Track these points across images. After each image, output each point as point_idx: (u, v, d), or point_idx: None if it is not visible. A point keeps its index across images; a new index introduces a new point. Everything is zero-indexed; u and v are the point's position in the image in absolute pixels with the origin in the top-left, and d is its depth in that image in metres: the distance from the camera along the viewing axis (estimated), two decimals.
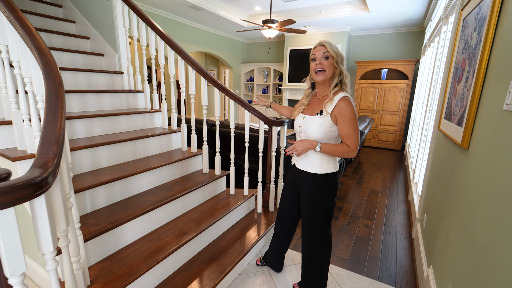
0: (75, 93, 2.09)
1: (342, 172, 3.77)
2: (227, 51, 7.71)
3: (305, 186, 1.48)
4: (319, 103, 1.41)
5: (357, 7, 5.26)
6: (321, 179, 1.43)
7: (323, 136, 1.36)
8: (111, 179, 1.64)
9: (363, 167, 4.79)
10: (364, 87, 6.20)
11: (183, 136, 2.37)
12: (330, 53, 1.32)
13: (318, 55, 1.35)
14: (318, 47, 1.36)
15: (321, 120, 1.35)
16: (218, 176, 2.27)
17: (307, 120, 1.42)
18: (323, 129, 1.35)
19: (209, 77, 2.13)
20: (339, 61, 1.35)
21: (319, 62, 1.34)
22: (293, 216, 1.71)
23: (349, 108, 1.30)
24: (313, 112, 1.41)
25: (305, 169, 1.46)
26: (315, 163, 1.42)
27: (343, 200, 3.32)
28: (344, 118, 1.30)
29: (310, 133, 1.39)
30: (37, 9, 2.76)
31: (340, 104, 1.31)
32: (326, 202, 1.46)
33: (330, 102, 1.33)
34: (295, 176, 1.56)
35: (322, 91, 1.44)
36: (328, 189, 1.45)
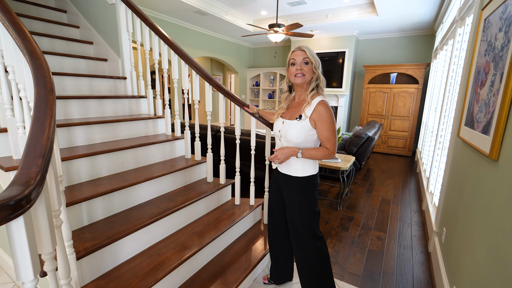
0: (76, 99, 2.03)
1: (351, 180, 3.63)
2: (233, 56, 7.68)
3: (288, 190, 1.51)
4: (298, 107, 1.44)
5: (365, 11, 5.16)
6: (304, 181, 1.45)
7: (303, 140, 1.39)
8: (110, 190, 1.55)
9: (373, 174, 4.63)
10: (373, 91, 6.06)
11: (187, 143, 2.29)
12: (309, 58, 1.36)
13: (298, 60, 1.37)
14: (297, 52, 1.38)
15: (301, 124, 1.38)
16: (222, 185, 2.17)
17: (286, 124, 1.44)
18: (303, 133, 1.38)
19: (214, 82, 2.05)
20: (317, 66, 1.39)
21: (299, 68, 1.37)
22: (285, 221, 1.66)
23: (327, 112, 1.34)
24: (292, 116, 1.43)
25: (287, 172, 1.48)
26: (297, 166, 1.45)
27: (353, 210, 3.18)
28: (323, 122, 1.34)
29: (290, 138, 1.41)
30: (41, 15, 2.74)
31: (318, 108, 1.35)
32: (311, 203, 1.47)
33: (308, 106, 1.37)
34: (278, 180, 1.58)
35: (299, 95, 1.47)
36: (311, 191, 1.47)
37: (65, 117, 1.98)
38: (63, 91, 2.18)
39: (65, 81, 2.19)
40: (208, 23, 5.95)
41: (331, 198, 3.51)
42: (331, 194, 3.66)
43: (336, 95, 6.58)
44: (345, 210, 3.18)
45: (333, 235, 2.60)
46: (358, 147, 3.74)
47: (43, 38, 2.44)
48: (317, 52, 6.74)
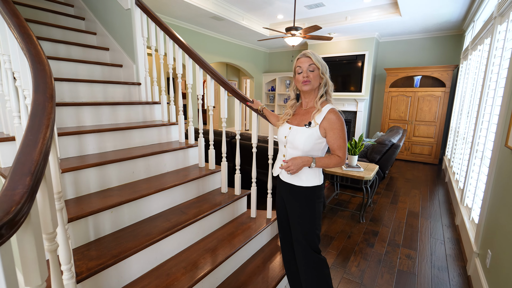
0: (88, 106, 1.98)
1: (374, 190, 3.39)
2: (249, 61, 7.61)
3: (290, 200, 1.43)
4: (306, 114, 1.39)
5: (387, 11, 4.93)
6: (307, 192, 1.37)
7: (311, 148, 1.34)
8: (118, 203, 1.46)
9: (397, 183, 4.34)
10: (395, 95, 5.77)
11: (201, 151, 2.18)
12: (315, 64, 1.32)
13: (304, 67, 1.33)
14: (302, 59, 1.34)
15: (310, 131, 1.33)
16: (238, 197, 2.03)
17: (294, 130, 1.38)
18: (311, 141, 1.33)
19: (229, 87, 1.93)
20: (324, 72, 1.34)
21: (306, 75, 1.32)
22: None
23: (339, 121, 1.30)
24: (301, 123, 1.38)
25: (290, 181, 1.41)
26: (301, 175, 1.37)
27: (377, 223, 2.94)
28: (335, 131, 1.30)
29: (297, 144, 1.35)
30: (60, 22, 2.75)
31: (329, 116, 1.31)
32: (313, 217, 1.38)
33: (319, 113, 1.33)
34: (280, 189, 1.51)
35: (308, 101, 1.41)
36: (315, 203, 1.38)
37: (77, 124, 1.93)
38: (77, 98, 2.15)
39: (79, 88, 2.15)
40: (224, 29, 5.92)
41: (353, 209, 3.28)
42: (353, 205, 3.43)
43: (355, 100, 6.33)
44: (368, 223, 2.95)
45: (356, 252, 2.39)
46: (381, 154, 3.51)
47: (60, 45, 2.44)
48: (335, 55, 6.54)
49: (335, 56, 6.54)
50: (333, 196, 3.66)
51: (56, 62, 2.23)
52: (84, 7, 2.94)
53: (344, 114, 6.77)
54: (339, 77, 6.59)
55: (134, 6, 2.39)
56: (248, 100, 1.85)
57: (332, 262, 2.23)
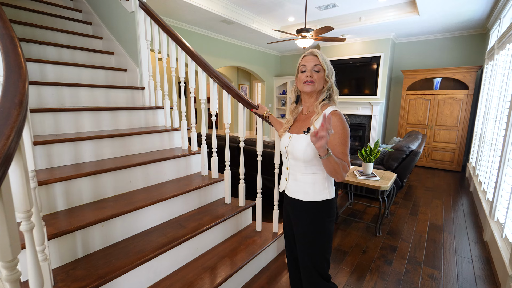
0: (88, 111, 1.90)
1: (392, 200, 3.15)
2: (260, 64, 7.52)
3: (297, 217, 1.26)
4: (306, 120, 1.26)
5: (404, 11, 4.69)
6: (315, 208, 1.20)
7: (313, 157, 1.17)
8: (109, 216, 1.35)
9: (416, 192, 4.06)
10: (413, 99, 5.47)
11: (203, 159, 2.06)
12: (322, 65, 1.19)
13: (309, 66, 1.20)
14: (308, 57, 1.21)
15: (309, 138, 1.15)
16: (242, 208, 1.89)
17: (293, 139, 1.24)
18: (312, 149, 1.16)
19: (233, 92, 1.81)
20: (330, 75, 1.21)
21: (309, 75, 1.19)
22: None
23: (341, 123, 1.13)
24: (300, 130, 1.24)
25: (295, 196, 1.25)
26: (307, 188, 1.21)
27: (395, 237, 2.71)
28: (337, 135, 1.13)
29: (297, 154, 1.20)
30: (67, 27, 2.74)
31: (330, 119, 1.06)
32: (323, 237, 1.22)
33: (318, 117, 1.19)
34: (286, 204, 1.36)
35: (309, 106, 1.28)
36: (325, 221, 1.21)
37: (76, 130, 1.86)
38: (78, 103, 2.08)
39: (80, 92, 2.09)
40: (234, 32, 5.86)
41: (368, 221, 3.06)
42: (368, 215, 3.21)
43: (370, 103, 6.07)
44: (385, 236, 2.72)
45: (373, 270, 2.18)
46: (399, 162, 3.27)
47: (65, 50, 2.40)
48: (348, 57, 6.32)
49: (349, 59, 6.33)
50: (347, 206, 3.44)
51: (59, 67, 2.18)
52: (91, 12, 2.92)
53: (358, 118, 6.54)
54: (353, 80, 6.36)
55: (138, 9, 2.32)
56: (254, 106, 1.73)
57: (346, 281, 2.04)
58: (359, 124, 6.44)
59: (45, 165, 1.54)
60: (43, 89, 1.89)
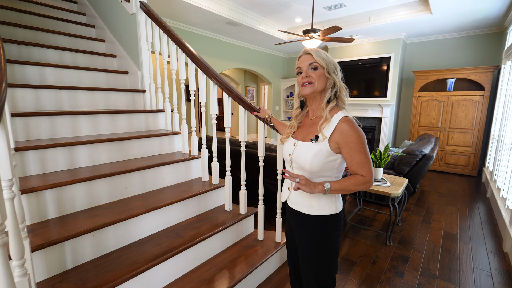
0: (85, 115, 1.86)
1: (403, 207, 3.00)
2: (267, 66, 7.44)
3: (299, 231, 1.17)
4: (313, 125, 1.13)
5: (415, 9, 4.53)
6: (320, 223, 1.10)
7: (320, 167, 1.07)
8: (101, 225, 1.28)
9: (429, 198, 3.88)
10: (425, 100, 5.28)
11: (204, 164, 1.98)
12: (318, 62, 1.06)
13: (303, 66, 1.09)
14: (303, 57, 1.11)
15: (317, 147, 1.06)
16: (243, 216, 1.80)
17: (298, 147, 1.12)
18: (320, 159, 1.06)
19: (234, 94, 1.72)
20: (331, 71, 1.08)
21: (305, 75, 1.08)
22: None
23: (355, 132, 1.02)
24: (306, 137, 1.12)
25: (298, 209, 1.15)
26: (312, 201, 1.11)
27: (407, 246, 2.56)
28: (352, 145, 1.02)
29: (303, 164, 1.09)
30: (70, 30, 2.73)
31: (341, 127, 1.03)
32: (328, 254, 1.12)
33: (327, 123, 1.06)
34: (288, 215, 1.26)
35: (314, 109, 1.15)
36: (331, 236, 1.11)
37: (73, 134, 1.81)
38: (77, 107, 2.05)
39: (79, 96, 2.05)
40: (240, 34, 5.80)
41: (378, 228, 2.91)
42: (378, 222, 3.06)
43: (380, 105, 5.89)
44: (396, 245, 2.57)
45: (383, 282, 2.04)
46: (411, 166, 3.11)
47: (66, 53, 2.38)
48: (358, 58, 6.16)
49: (358, 60, 6.18)
50: (355, 212, 3.30)
51: (59, 70, 2.16)
52: (95, 14, 2.91)
53: (368, 120, 6.36)
54: (362, 81, 6.20)
55: (139, 10, 2.28)
56: (255, 109, 1.63)
57: None
58: (369, 126, 6.27)
59: (38, 170, 1.49)
60: (41, 93, 1.85)
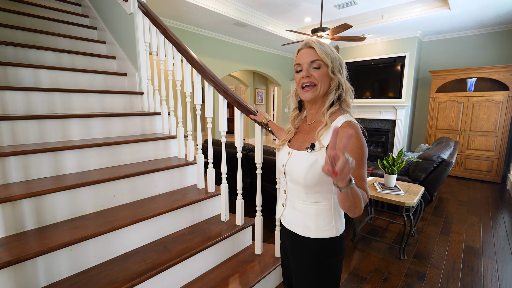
0: (77, 118, 1.78)
1: (419, 217, 2.77)
2: (276, 68, 7.30)
3: (294, 254, 1.01)
4: (310, 132, 0.97)
5: (432, 5, 4.27)
6: (319, 247, 0.93)
7: (317, 181, 0.89)
8: (78, 239, 1.17)
9: (448, 206, 3.60)
10: (443, 101, 4.97)
11: (199, 170, 1.86)
12: (323, 59, 0.89)
13: (304, 63, 0.91)
14: (303, 51, 0.92)
15: (313, 157, 0.89)
16: (240, 228, 1.66)
17: (293, 157, 0.97)
18: (316, 172, 0.88)
19: (232, 98, 1.59)
20: (336, 69, 0.92)
21: (306, 74, 0.91)
22: None
23: (357, 140, 0.85)
24: (302, 145, 0.96)
25: (293, 229, 0.98)
26: (308, 221, 0.94)
27: (423, 261, 2.33)
28: (353, 155, 0.83)
29: (297, 177, 0.92)
30: (72, 32, 2.69)
31: (342, 134, 0.86)
32: (327, 282, 0.95)
33: (326, 129, 0.90)
34: (282, 235, 1.09)
35: (313, 114, 0.99)
36: (330, 263, 0.94)
37: (63, 138, 1.73)
38: (70, 110, 1.98)
39: (73, 98, 1.98)
40: (248, 35, 5.70)
41: (391, 240, 2.69)
42: (391, 233, 2.84)
43: (394, 107, 5.62)
44: (411, 260, 2.36)
45: None
46: (427, 173, 2.88)
47: (64, 55, 2.33)
48: (370, 58, 5.91)
49: (370, 60, 5.93)
50: (366, 221, 3.09)
51: (54, 72, 2.10)
52: (97, 16, 2.87)
53: (381, 123, 6.07)
54: (375, 82, 5.95)
55: (137, 10, 2.20)
56: (252, 113, 1.50)
57: None
58: (382, 129, 5.99)
59: (21, 177, 1.41)
60: (33, 95, 1.79)
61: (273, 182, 2.55)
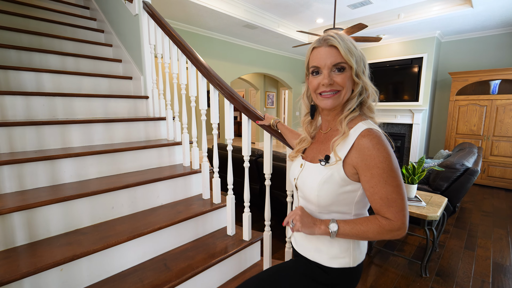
0: (77, 124, 1.69)
1: (442, 230, 2.56)
2: (287, 70, 7.17)
3: (303, 281, 0.84)
4: (325, 141, 0.83)
5: (453, 3, 4.04)
6: (329, 276, 0.79)
7: (332, 201, 0.76)
8: (69, 258, 1.07)
9: (472, 217, 3.35)
10: (464, 105, 4.70)
11: (204, 179, 1.74)
12: (347, 61, 0.72)
13: (324, 66, 0.74)
14: (322, 50, 0.75)
15: (327, 172, 0.75)
16: (247, 243, 1.53)
17: (305, 169, 0.84)
18: (331, 189, 0.75)
19: (239, 102, 1.47)
20: (361, 71, 0.76)
21: (328, 82, 0.74)
22: None
23: (380, 151, 0.69)
24: (316, 157, 0.83)
25: (304, 253, 0.86)
26: (321, 245, 0.81)
27: (448, 280, 2.13)
28: (375, 171, 0.69)
29: (309, 194, 0.79)
30: (77, 35, 2.65)
31: (361, 144, 0.72)
32: None
33: (344, 139, 0.76)
34: (294, 256, 0.97)
35: (329, 120, 0.85)
36: None
37: (63, 145, 1.66)
38: (72, 115, 1.91)
39: (75, 103, 1.91)
40: (258, 37, 5.60)
41: (410, 255, 2.49)
42: (410, 247, 2.64)
43: (411, 110, 5.37)
44: (434, 278, 2.16)
45: None
46: (450, 182, 2.66)
47: (69, 58, 2.27)
48: (384, 60, 5.70)
49: (385, 61, 5.71)
50: None
51: (57, 76, 2.04)
52: (104, 19, 2.82)
53: (397, 127, 5.82)
54: (389, 85, 5.72)
55: (142, 11, 2.12)
56: (260, 118, 1.37)
57: None
58: (397, 133, 5.74)
59: (15, 188, 1.33)
60: (33, 100, 1.73)
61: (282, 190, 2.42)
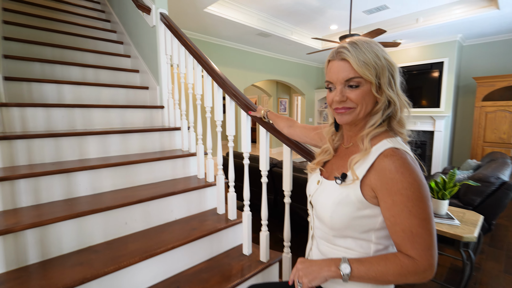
0: (93, 135, 1.68)
1: (478, 251, 2.35)
2: (299, 77, 7.10)
3: None
4: (345, 157, 0.74)
5: (477, 5, 3.86)
6: None
7: (347, 224, 0.66)
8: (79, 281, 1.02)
9: (508, 236, 3.09)
10: (491, 111, 4.44)
11: (219, 193, 1.67)
12: (362, 75, 0.64)
13: (336, 81, 0.68)
14: (334, 64, 0.68)
15: (343, 191, 0.67)
16: (265, 265, 1.43)
17: (321, 187, 0.75)
18: (346, 211, 0.66)
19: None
20: (385, 84, 0.67)
21: (340, 99, 0.67)
22: None
23: (405, 175, 0.59)
24: (332, 174, 0.74)
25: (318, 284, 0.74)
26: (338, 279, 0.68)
27: None
28: (397, 197, 0.59)
29: (322, 213, 0.71)
30: (98, 47, 2.69)
31: (382, 164, 0.62)
32: None
33: (364, 157, 0.66)
34: None
35: (351, 135, 0.77)
36: None
37: (80, 157, 1.64)
38: (90, 125, 1.90)
39: (93, 114, 1.91)
40: (271, 45, 5.58)
41: (442, 278, 2.29)
42: (441, 268, 2.43)
43: (432, 117, 5.14)
44: None
45: None
46: (484, 197, 2.46)
47: (89, 70, 2.30)
48: (402, 65, 5.50)
49: (403, 67, 5.52)
50: None
51: (78, 87, 2.05)
52: (123, 31, 2.87)
53: (417, 134, 5.56)
54: (408, 90, 5.47)
55: (159, 22, 2.12)
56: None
57: None
58: (418, 141, 5.50)
59: (31, 201, 1.31)
60: (53, 112, 1.73)
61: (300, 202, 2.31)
